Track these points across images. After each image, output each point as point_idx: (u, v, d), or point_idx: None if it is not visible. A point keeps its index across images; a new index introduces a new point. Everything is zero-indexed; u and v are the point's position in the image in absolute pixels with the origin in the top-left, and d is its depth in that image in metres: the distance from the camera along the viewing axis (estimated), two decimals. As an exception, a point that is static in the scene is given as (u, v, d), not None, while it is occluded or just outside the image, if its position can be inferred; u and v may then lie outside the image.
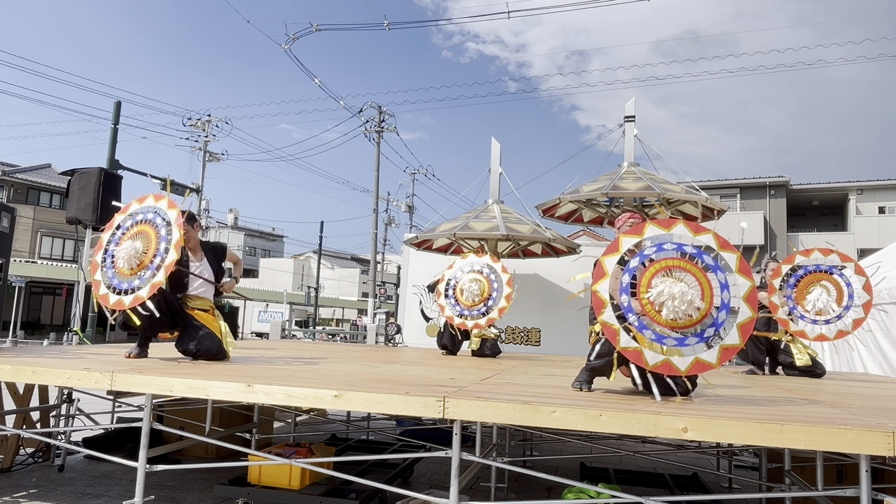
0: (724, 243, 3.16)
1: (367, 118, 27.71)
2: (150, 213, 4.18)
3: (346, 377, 3.65)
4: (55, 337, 24.18)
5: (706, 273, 3.10)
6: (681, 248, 3.15)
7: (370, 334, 12.38)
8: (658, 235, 3.20)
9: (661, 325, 3.06)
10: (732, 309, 3.07)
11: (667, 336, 3.06)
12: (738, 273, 3.11)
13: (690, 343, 3.05)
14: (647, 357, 3.06)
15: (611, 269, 3.17)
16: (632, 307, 3.09)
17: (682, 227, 3.19)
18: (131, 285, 3.99)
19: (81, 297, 6.87)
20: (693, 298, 3.02)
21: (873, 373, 7.39)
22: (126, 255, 3.99)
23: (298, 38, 24.12)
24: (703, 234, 3.17)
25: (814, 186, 30.87)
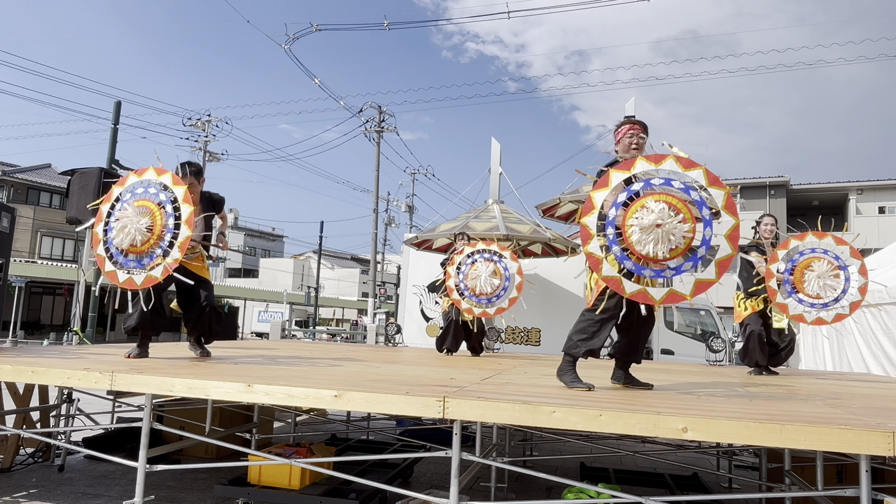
0: (714, 180, 3.17)
1: (367, 118, 27.73)
2: (151, 188, 4.03)
3: (346, 377, 3.65)
4: (55, 337, 24.17)
5: (691, 208, 3.14)
6: (668, 182, 3.19)
7: (370, 334, 12.38)
8: (647, 171, 3.24)
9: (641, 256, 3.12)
10: (713, 245, 3.11)
11: (645, 268, 3.14)
12: (724, 210, 3.13)
13: (668, 275, 3.12)
14: (625, 286, 3.15)
15: (599, 202, 3.22)
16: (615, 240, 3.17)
17: (672, 161, 3.22)
18: (140, 263, 3.89)
19: (81, 297, 6.87)
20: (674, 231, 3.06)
21: (875, 373, 7.39)
22: (131, 231, 3.84)
23: (298, 38, 24.14)
24: (694, 170, 3.19)
25: (814, 186, 30.88)
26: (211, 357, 4.61)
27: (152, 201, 3.97)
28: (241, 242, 58.74)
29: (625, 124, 3.65)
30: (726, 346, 8.87)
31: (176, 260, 3.88)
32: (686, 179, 3.17)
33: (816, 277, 4.93)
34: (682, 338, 11.47)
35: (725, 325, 11.49)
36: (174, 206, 3.94)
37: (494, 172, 9.29)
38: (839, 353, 8.47)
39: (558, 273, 9.31)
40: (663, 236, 3.05)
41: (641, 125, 3.65)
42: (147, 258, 3.91)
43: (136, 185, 4.07)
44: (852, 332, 8.05)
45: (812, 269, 4.98)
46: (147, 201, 3.97)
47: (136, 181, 4.07)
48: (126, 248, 3.89)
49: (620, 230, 3.14)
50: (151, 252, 3.91)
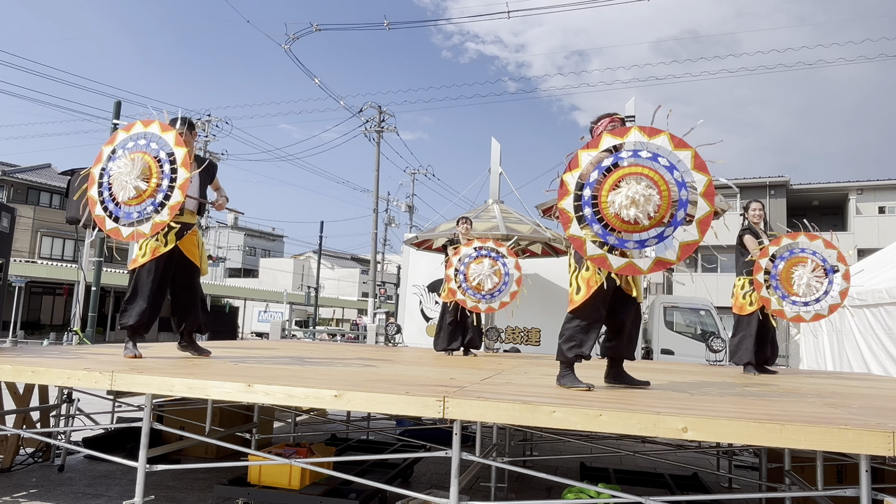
0: (679, 142, 3.18)
1: (367, 118, 27.71)
2: (152, 143, 3.89)
3: (346, 377, 3.65)
4: (55, 337, 24.17)
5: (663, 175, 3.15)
6: (636, 153, 3.21)
7: (370, 334, 12.38)
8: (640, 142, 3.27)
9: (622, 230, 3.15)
10: (691, 203, 3.13)
11: (628, 240, 3.16)
12: (693, 170, 3.15)
13: (651, 244, 3.14)
14: (611, 261, 3.18)
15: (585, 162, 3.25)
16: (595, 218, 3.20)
17: (637, 132, 3.24)
18: (129, 216, 3.80)
19: (81, 297, 6.87)
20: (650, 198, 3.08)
21: (875, 372, 7.39)
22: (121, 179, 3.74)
23: (298, 38, 24.14)
24: (657, 137, 3.21)
25: (814, 186, 30.88)
26: (211, 356, 4.61)
27: (151, 156, 3.84)
28: (241, 242, 58.72)
29: (605, 117, 3.64)
30: (726, 346, 8.87)
31: (163, 221, 3.78)
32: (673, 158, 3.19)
33: (802, 276, 5.03)
34: (682, 338, 11.48)
35: (725, 325, 11.49)
36: (172, 166, 3.81)
37: (494, 172, 9.30)
38: (839, 353, 8.47)
39: (558, 273, 9.31)
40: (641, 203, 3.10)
41: (620, 119, 3.64)
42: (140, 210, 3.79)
43: (139, 135, 3.94)
44: (853, 332, 8.05)
45: (799, 268, 5.08)
46: (145, 154, 3.84)
47: (140, 132, 3.94)
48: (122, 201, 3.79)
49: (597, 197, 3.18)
50: (142, 207, 3.79)
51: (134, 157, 3.82)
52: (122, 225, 3.81)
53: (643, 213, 3.08)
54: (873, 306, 7.62)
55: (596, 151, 3.24)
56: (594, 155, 3.24)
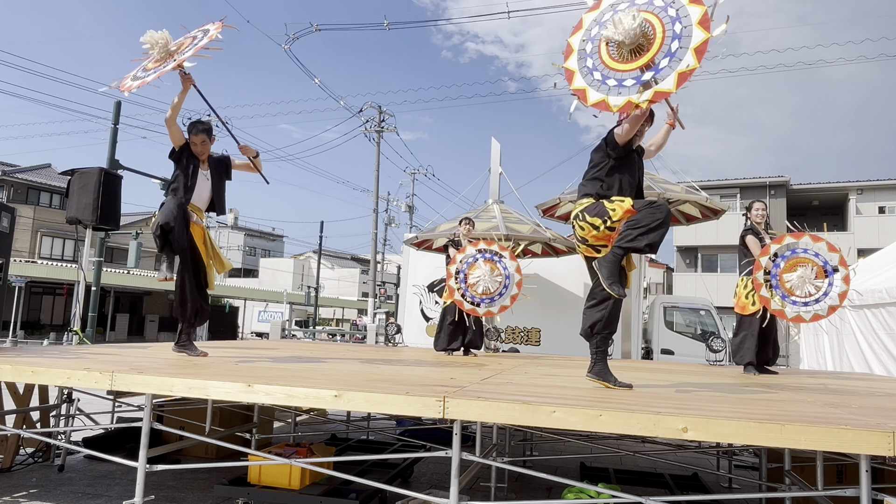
0: None
1: (367, 118, 27.71)
2: None
3: (346, 377, 3.65)
4: (55, 337, 24.19)
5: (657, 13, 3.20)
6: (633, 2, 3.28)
7: (370, 334, 12.38)
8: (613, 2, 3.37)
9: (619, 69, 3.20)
10: (685, 35, 3.13)
11: (625, 77, 3.20)
12: (696, 26, 3.12)
13: (647, 77, 3.16)
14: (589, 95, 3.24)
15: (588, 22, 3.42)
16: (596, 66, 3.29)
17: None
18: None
19: (81, 297, 6.87)
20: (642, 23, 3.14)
21: (877, 372, 7.39)
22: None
23: (298, 38, 24.12)
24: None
25: (814, 186, 30.89)
26: (209, 356, 4.61)
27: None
28: (241, 242, 58.73)
29: None
30: (726, 346, 8.87)
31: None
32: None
33: (802, 277, 5.05)
34: (682, 338, 11.48)
35: (725, 325, 11.49)
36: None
37: (494, 172, 9.30)
38: (839, 353, 8.47)
39: (558, 273, 9.31)
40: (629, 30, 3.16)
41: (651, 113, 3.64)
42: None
43: None
44: (853, 332, 8.06)
45: (800, 269, 5.10)
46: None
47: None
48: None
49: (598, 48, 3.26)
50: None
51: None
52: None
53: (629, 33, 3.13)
54: (873, 306, 7.63)
55: (596, 11, 3.36)
56: (596, 13, 3.36)
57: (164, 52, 4.19)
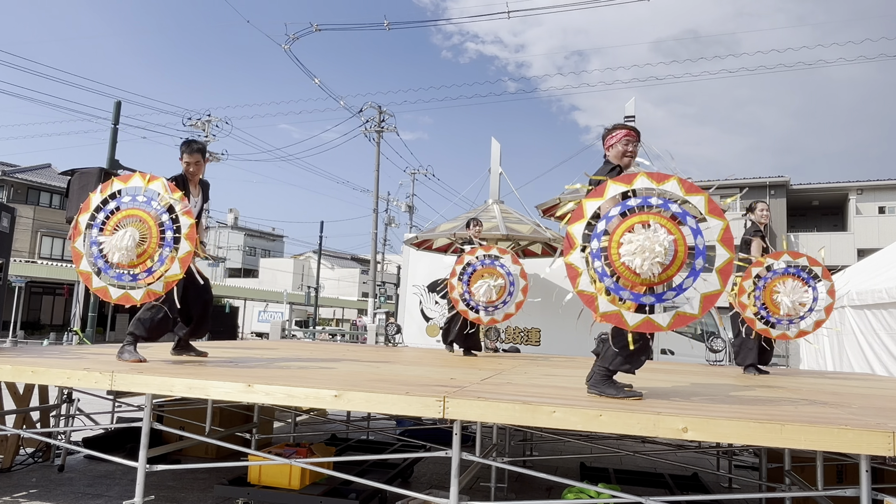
0: (690, 187, 3.03)
1: (367, 118, 27.71)
2: (139, 196, 3.77)
3: (346, 377, 3.65)
4: (55, 337, 24.18)
5: (677, 223, 2.97)
6: (646, 201, 3.03)
7: (370, 334, 12.38)
8: (648, 188, 3.10)
9: (635, 284, 2.94)
10: (709, 254, 2.95)
11: (642, 294, 2.96)
12: (708, 214, 2.97)
13: (668, 297, 2.96)
14: (626, 319, 2.96)
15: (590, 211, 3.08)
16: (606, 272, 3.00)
17: (644, 178, 3.06)
18: (136, 278, 3.70)
19: (81, 297, 6.87)
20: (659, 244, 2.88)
21: (878, 373, 7.39)
22: (121, 247, 3.62)
23: (298, 38, 24.13)
24: (667, 182, 3.05)
25: (814, 186, 30.88)
26: (208, 357, 4.60)
27: (146, 211, 3.73)
28: (241, 242, 58.72)
29: (620, 128, 3.45)
30: (726, 346, 8.87)
31: (177, 276, 3.70)
32: (687, 207, 3.01)
33: (786, 296, 5.06)
34: (682, 338, 11.46)
35: (725, 325, 11.48)
36: (171, 216, 3.72)
37: (494, 172, 9.29)
38: (839, 353, 8.47)
39: (558, 273, 9.30)
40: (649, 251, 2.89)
41: (636, 132, 3.46)
42: (144, 273, 3.68)
43: (123, 192, 3.82)
44: (853, 332, 8.06)
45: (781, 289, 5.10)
46: (139, 210, 3.72)
47: (119, 188, 3.82)
48: (119, 264, 3.67)
49: (606, 249, 2.98)
50: (149, 267, 3.68)
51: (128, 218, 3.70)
52: (111, 285, 3.70)
53: (652, 262, 2.87)
54: (873, 306, 7.62)
55: (601, 200, 3.07)
56: (600, 204, 3.07)
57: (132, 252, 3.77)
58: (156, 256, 3.70)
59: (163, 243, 3.70)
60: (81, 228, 3.81)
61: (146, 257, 3.69)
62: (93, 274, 3.76)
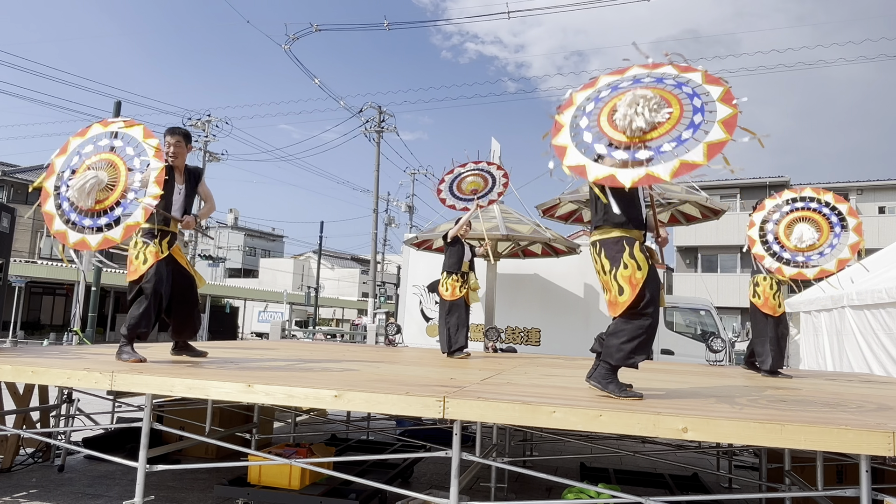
0: (687, 68, 3.00)
1: (367, 118, 27.70)
2: (116, 141, 3.67)
3: (346, 377, 3.65)
4: (55, 337, 24.18)
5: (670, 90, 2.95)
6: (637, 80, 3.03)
7: (370, 334, 12.38)
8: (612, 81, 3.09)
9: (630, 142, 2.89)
10: (708, 110, 2.87)
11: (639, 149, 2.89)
12: (719, 102, 2.90)
13: (667, 149, 2.85)
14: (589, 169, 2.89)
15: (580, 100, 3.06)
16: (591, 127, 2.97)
17: (637, 68, 3.07)
18: (96, 223, 3.57)
19: (81, 297, 6.87)
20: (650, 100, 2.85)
21: (877, 373, 7.38)
22: (85, 186, 3.53)
23: (298, 38, 24.12)
24: (661, 68, 3.04)
25: (813, 186, 30.84)
26: (207, 357, 4.60)
27: (118, 155, 3.60)
28: (241, 242, 58.70)
29: None
30: (726, 346, 8.87)
31: (137, 223, 3.55)
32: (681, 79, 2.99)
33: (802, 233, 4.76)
34: (682, 338, 11.47)
35: (725, 325, 11.49)
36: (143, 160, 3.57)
37: (494, 172, 9.27)
38: (839, 353, 8.47)
39: (558, 273, 9.31)
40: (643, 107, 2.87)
41: None
42: (105, 216, 3.53)
43: (100, 136, 3.70)
44: (853, 332, 8.05)
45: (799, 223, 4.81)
46: (112, 154, 3.61)
47: (100, 132, 3.71)
48: (81, 206, 3.56)
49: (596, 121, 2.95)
50: (110, 211, 3.53)
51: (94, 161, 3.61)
52: (88, 234, 3.58)
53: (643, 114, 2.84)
54: (873, 307, 7.62)
55: (591, 90, 3.07)
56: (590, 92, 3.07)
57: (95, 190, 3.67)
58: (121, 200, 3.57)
59: (129, 188, 3.56)
60: (55, 170, 3.69)
61: (111, 202, 3.56)
62: (56, 216, 3.63)
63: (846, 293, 8.23)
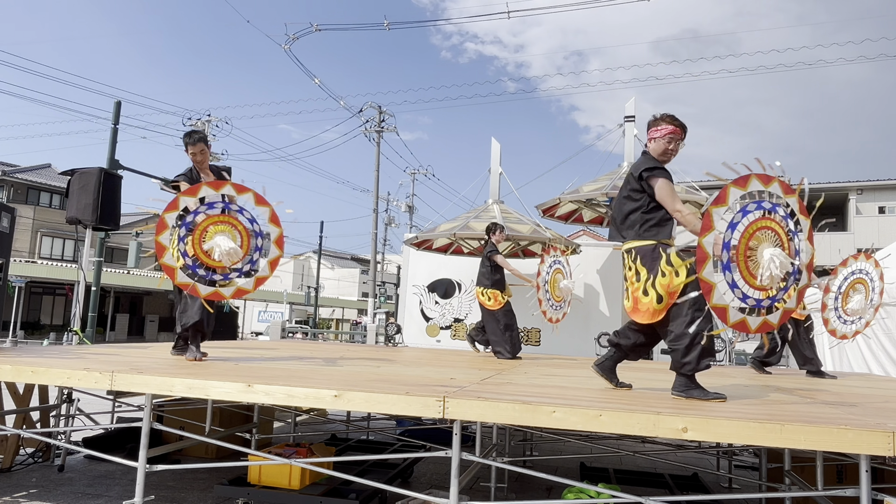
0: (803, 209, 3.12)
1: (367, 118, 27.70)
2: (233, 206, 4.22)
3: (346, 377, 3.65)
4: (55, 337, 24.19)
5: (789, 239, 3.08)
6: (759, 205, 3.07)
7: (370, 334, 12.38)
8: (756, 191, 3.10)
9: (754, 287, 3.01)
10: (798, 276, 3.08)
11: (763, 300, 3.06)
12: (800, 214, 3.11)
13: (765, 304, 3.05)
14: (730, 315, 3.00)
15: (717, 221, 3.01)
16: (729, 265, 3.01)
17: (755, 181, 3.07)
18: (226, 277, 4.16)
19: (81, 297, 6.87)
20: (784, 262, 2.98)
21: (876, 373, 7.39)
22: (227, 252, 4.06)
23: (298, 38, 24.14)
24: (771, 184, 3.09)
25: (814, 186, 30.73)
26: (208, 357, 4.60)
27: (236, 218, 4.18)
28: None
29: (669, 123, 3.37)
30: (726, 346, 8.87)
31: (266, 277, 4.23)
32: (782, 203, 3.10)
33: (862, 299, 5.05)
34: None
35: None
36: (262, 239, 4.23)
37: (494, 172, 9.29)
38: (839, 353, 8.47)
39: (558, 273, 9.28)
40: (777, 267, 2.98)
41: (683, 129, 3.39)
42: (234, 273, 4.15)
43: (213, 198, 4.15)
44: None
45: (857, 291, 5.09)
46: (230, 217, 4.17)
47: (212, 193, 4.15)
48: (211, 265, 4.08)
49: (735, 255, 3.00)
50: (239, 268, 4.16)
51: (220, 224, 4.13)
52: (198, 282, 4.06)
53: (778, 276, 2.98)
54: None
55: (725, 207, 3.04)
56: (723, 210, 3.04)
57: None
58: (245, 258, 4.17)
59: (252, 249, 4.20)
60: (167, 223, 4.05)
61: (237, 261, 4.16)
62: (178, 269, 4.05)
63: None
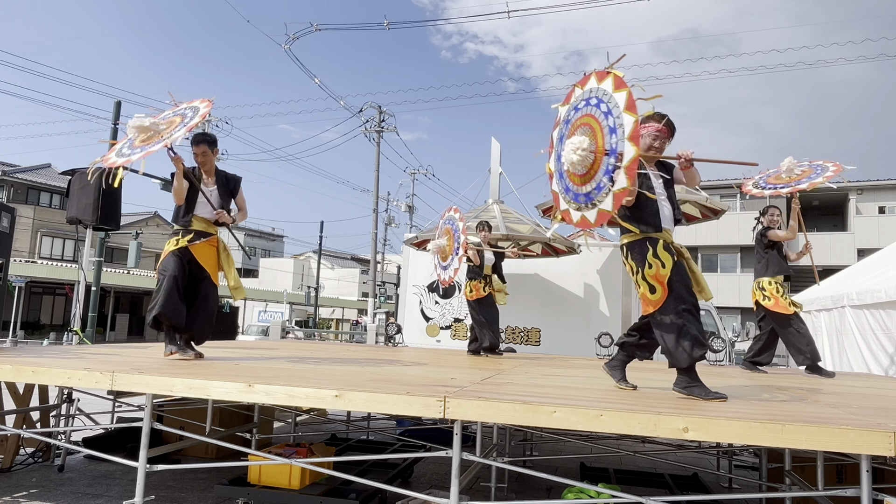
0: (631, 104, 3.09)
1: (367, 118, 27.70)
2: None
3: (346, 377, 3.65)
4: (55, 337, 24.18)
5: (600, 121, 3.21)
6: (587, 102, 3.31)
7: (370, 334, 12.38)
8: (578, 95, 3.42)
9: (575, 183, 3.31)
10: (619, 153, 3.06)
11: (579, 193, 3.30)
12: (624, 112, 3.06)
13: (594, 195, 3.19)
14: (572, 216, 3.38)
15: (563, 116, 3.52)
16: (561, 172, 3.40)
17: (593, 78, 3.32)
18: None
19: (81, 297, 6.86)
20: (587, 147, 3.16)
21: (875, 373, 7.39)
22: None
23: (298, 38, 24.13)
24: (605, 81, 3.24)
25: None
26: (204, 358, 4.58)
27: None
28: (242, 242, 58.70)
29: (654, 121, 3.39)
30: (726, 346, 8.86)
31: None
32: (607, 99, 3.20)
33: None
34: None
35: (725, 325, 11.48)
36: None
37: (494, 172, 9.29)
38: (839, 354, 8.47)
39: (558, 273, 9.30)
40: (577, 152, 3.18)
41: (670, 130, 3.42)
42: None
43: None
44: (853, 332, 8.05)
45: None
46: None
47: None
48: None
49: None
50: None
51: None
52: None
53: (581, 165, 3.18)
54: (872, 307, 7.62)
55: (567, 106, 3.47)
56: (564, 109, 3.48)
57: (151, 133, 4.12)
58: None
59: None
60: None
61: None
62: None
63: (846, 293, 8.23)
